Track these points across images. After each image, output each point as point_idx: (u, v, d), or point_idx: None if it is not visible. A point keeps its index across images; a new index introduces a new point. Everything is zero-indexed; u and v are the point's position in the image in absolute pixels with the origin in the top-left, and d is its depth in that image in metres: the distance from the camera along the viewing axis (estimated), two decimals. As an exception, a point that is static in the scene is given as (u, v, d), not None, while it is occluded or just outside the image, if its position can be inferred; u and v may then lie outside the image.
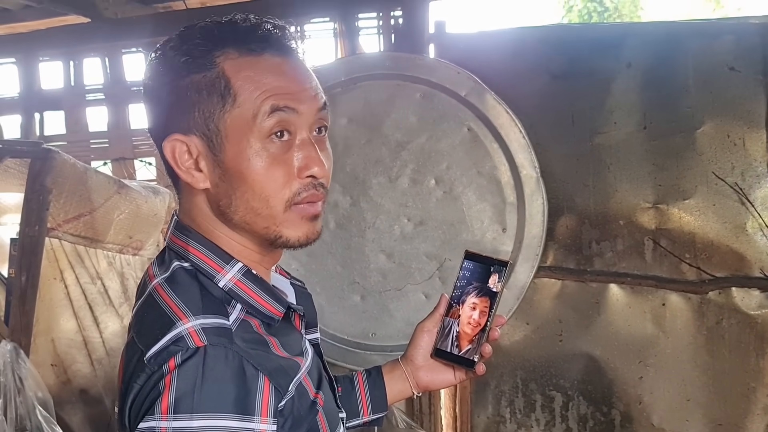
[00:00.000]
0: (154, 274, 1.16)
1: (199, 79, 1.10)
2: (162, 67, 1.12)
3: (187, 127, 1.11)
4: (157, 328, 1.06)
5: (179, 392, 0.99)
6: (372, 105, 2.67)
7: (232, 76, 1.10)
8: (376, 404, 1.55)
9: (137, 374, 1.05)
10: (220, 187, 1.13)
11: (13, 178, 2.52)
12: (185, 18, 3.46)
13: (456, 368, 1.48)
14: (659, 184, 2.75)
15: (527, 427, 2.98)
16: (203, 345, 1.02)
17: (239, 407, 1.00)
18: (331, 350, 2.69)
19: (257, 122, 1.10)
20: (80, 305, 2.61)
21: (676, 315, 2.77)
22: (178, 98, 1.11)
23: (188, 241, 1.16)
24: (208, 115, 1.10)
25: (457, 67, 2.65)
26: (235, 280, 1.14)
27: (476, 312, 1.43)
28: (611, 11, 18.72)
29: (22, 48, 3.79)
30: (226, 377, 1.01)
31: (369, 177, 2.71)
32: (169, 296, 1.10)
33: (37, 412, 2.24)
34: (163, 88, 1.12)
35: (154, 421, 0.99)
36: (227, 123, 1.10)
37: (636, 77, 2.75)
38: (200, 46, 1.11)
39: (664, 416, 2.82)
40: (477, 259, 1.45)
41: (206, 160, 1.12)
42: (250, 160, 1.10)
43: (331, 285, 2.74)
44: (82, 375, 2.63)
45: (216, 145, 1.11)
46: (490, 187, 2.65)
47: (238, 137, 1.10)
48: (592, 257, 2.85)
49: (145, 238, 3.00)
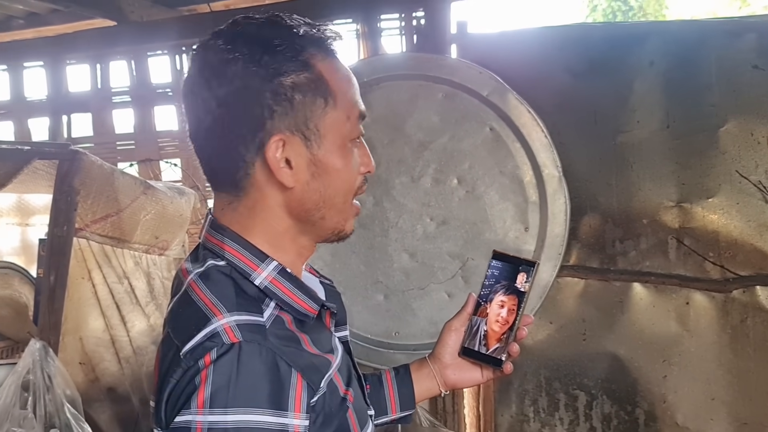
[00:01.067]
0: (188, 271, 1.18)
1: (301, 81, 1.13)
2: (252, 69, 1.11)
3: (287, 126, 1.13)
4: (192, 324, 1.08)
5: (215, 387, 1.00)
6: (394, 105, 2.68)
7: (329, 77, 1.15)
8: (404, 402, 1.56)
9: (173, 369, 1.07)
10: (311, 185, 1.16)
11: (42, 179, 2.55)
12: (210, 20, 3.49)
13: (483, 367, 1.49)
14: (683, 183, 2.74)
15: (551, 426, 2.98)
16: (238, 341, 1.03)
17: (273, 402, 1.02)
18: (355, 349, 2.68)
19: (349, 125, 1.18)
20: (108, 304, 2.64)
21: (700, 314, 2.76)
22: (279, 98, 1.12)
23: (224, 239, 1.18)
24: (310, 115, 1.14)
25: (479, 67, 2.65)
26: (271, 278, 1.15)
27: (504, 310, 1.44)
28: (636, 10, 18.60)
29: (50, 51, 3.84)
30: (260, 373, 1.03)
31: (392, 177, 2.72)
32: (204, 293, 1.12)
33: (66, 410, 2.27)
34: (256, 90, 1.11)
35: (190, 415, 1.01)
36: (326, 123, 1.15)
37: (659, 75, 2.74)
38: (293, 47, 1.13)
39: (688, 415, 2.81)
40: (505, 259, 1.46)
41: (301, 158, 1.15)
42: (341, 159, 1.18)
43: (354, 284, 2.75)
44: (109, 373, 2.66)
45: (314, 144, 1.15)
46: (512, 186, 2.66)
47: (333, 137, 1.16)
48: (616, 256, 2.84)
49: (171, 238, 3.02)
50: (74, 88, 3.87)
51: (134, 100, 3.78)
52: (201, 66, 1.14)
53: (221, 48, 1.12)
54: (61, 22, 4.03)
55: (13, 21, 4.04)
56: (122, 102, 3.81)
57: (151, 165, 3.67)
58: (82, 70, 3.83)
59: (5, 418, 2.22)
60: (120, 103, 3.82)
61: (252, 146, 1.13)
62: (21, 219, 3.41)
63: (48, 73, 3.87)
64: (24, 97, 3.94)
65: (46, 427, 2.24)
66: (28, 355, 2.27)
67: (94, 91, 3.82)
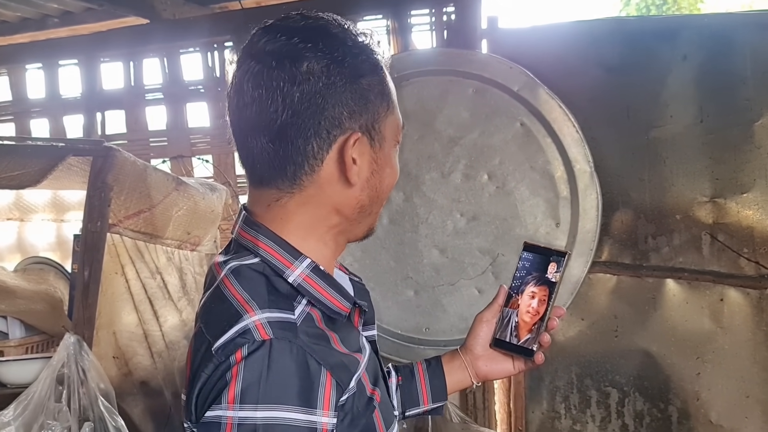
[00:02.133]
0: (221, 267, 1.19)
1: (374, 83, 1.18)
2: (334, 69, 1.13)
3: (360, 125, 1.16)
4: (224, 319, 1.09)
5: (246, 383, 1.02)
6: (425, 101, 2.68)
7: (389, 83, 1.22)
8: (435, 393, 1.57)
9: (205, 364, 1.08)
10: (369, 182, 1.20)
11: (76, 175, 2.58)
12: (241, 18, 3.51)
13: (515, 358, 1.50)
14: (716, 178, 2.71)
15: (582, 423, 2.96)
16: (269, 338, 1.04)
17: (302, 399, 1.03)
18: (384, 345, 2.71)
19: (398, 129, 1.25)
20: (140, 299, 2.66)
21: (735, 310, 2.73)
22: (358, 99, 1.16)
23: (258, 236, 1.19)
24: (377, 117, 1.19)
25: (509, 62, 2.65)
26: (304, 275, 1.16)
27: (535, 301, 1.45)
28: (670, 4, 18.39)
29: (84, 49, 3.87)
30: (290, 370, 1.04)
31: (422, 173, 2.73)
32: (236, 289, 1.13)
33: (100, 403, 2.29)
34: (340, 89, 1.14)
35: (221, 410, 1.02)
36: (385, 125, 1.21)
37: (692, 70, 2.71)
38: (366, 50, 1.18)
39: (722, 413, 2.78)
40: (536, 250, 1.47)
41: (365, 157, 1.18)
42: (392, 160, 1.24)
43: (384, 280, 2.76)
44: (142, 367, 2.68)
45: (376, 143, 1.20)
46: (543, 181, 2.65)
47: (390, 138, 1.22)
48: (648, 252, 2.81)
49: (203, 234, 3.04)
50: (108, 85, 3.90)
51: (167, 97, 3.80)
52: (275, 62, 1.13)
53: (299, 46, 1.13)
54: (95, 20, 4.07)
55: (48, 20, 4.09)
56: (155, 99, 3.84)
57: (183, 161, 3.70)
58: (115, 68, 3.86)
59: (40, 411, 2.25)
60: (153, 100, 3.84)
61: (326, 143, 1.14)
62: (56, 215, 3.45)
63: (82, 71, 3.90)
64: (59, 94, 3.98)
65: (80, 420, 2.27)
66: (63, 349, 2.30)
67: (127, 88, 3.85)
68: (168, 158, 3.72)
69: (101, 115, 3.92)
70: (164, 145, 3.80)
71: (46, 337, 2.73)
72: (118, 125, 3.92)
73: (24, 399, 2.26)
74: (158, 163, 3.60)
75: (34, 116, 4.08)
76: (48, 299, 2.78)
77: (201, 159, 3.69)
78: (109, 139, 3.61)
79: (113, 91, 3.89)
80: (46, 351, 2.70)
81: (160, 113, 3.82)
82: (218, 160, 3.68)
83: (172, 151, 3.75)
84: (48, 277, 2.97)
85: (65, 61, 3.97)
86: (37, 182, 2.47)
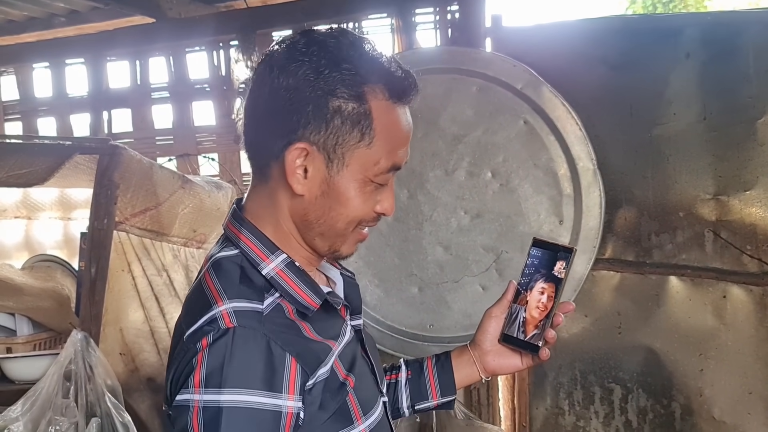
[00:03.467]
0: (208, 259, 1.26)
1: (347, 108, 1.17)
2: (310, 77, 1.16)
3: (315, 140, 1.18)
4: (197, 309, 1.16)
5: (209, 368, 1.08)
6: (429, 99, 2.69)
7: (376, 119, 1.19)
8: (444, 388, 1.59)
9: (179, 351, 1.16)
10: (318, 201, 1.21)
11: (83, 173, 2.59)
12: (247, 16, 3.53)
13: (523, 353, 1.52)
14: (719, 176, 2.72)
15: (586, 420, 2.98)
16: (233, 326, 1.11)
17: (267, 384, 1.09)
18: (389, 341, 2.73)
19: (376, 168, 1.21)
20: (147, 296, 2.67)
21: (738, 307, 2.74)
22: (319, 114, 1.17)
23: (241, 229, 1.25)
24: (341, 142, 1.18)
25: (513, 60, 2.65)
26: (278, 269, 1.22)
27: (544, 296, 1.46)
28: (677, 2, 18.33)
29: (90, 48, 3.89)
30: (254, 356, 1.10)
31: (426, 170, 2.73)
32: (212, 281, 1.19)
33: (107, 399, 2.30)
34: (303, 97, 1.16)
35: (188, 394, 1.09)
36: (354, 155, 1.19)
37: (695, 67, 2.72)
38: (353, 74, 1.17)
39: (725, 409, 2.79)
40: (544, 246, 1.48)
41: (318, 174, 1.20)
42: (355, 191, 1.21)
43: (388, 277, 2.77)
44: (149, 364, 2.69)
45: (334, 167, 1.19)
46: (546, 179, 2.66)
47: (356, 170, 1.20)
48: (652, 249, 2.82)
49: (209, 231, 3.05)
50: (114, 84, 3.92)
51: (173, 96, 3.82)
52: (275, 55, 1.21)
53: (299, 47, 1.19)
54: (102, 19, 4.08)
55: (54, 19, 4.10)
56: (161, 98, 3.85)
57: (189, 159, 3.71)
58: (121, 67, 3.88)
59: (48, 407, 2.26)
60: (159, 99, 3.85)
61: (280, 142, 1.19)
62: (63, 213, 3.47)
63: (89, 69, 3.92)
64: (66, 93, 3.99)
65: (88, 416, 2.28)
66: (70, 345, 2.32)
67: (133, 87, 3.87)
68: (174, 156, 3.74)
69: (108, 114, 3.93)
70: (170, 144, 3.81)
71: (54, 333, 2.75)
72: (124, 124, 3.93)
73: (32, 395, 2.28)
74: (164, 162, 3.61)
75: (41, 115, 4.10)
76: (55, 296, 2.80)
77: (207, 157, 3.71)
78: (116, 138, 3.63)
79: (119, 90, 3.91)
80: (53, 348, 2.72)
81: (166, 112, 3.84)
82: (224, 158, 3.70)
83: (178, 150, 3.76)
84: (55, 275, 2.98)
85: (72, 60, 3.99)
86: (44, 180, 2.49)
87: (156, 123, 3.90)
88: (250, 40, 3.46)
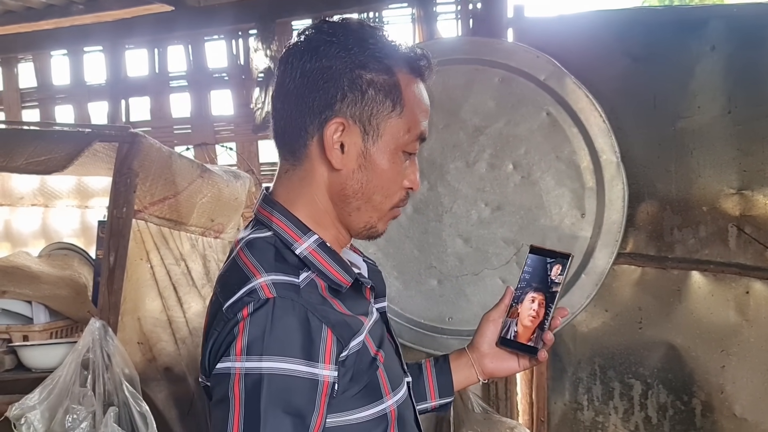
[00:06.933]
0: (239, 241, 1.31)
1: (379, 80, 1.26)
2: (341, 54, 1.24)
3: (352, 113, 1.25)
4: (235, 283, 1.20)
5: (251, 337, 1.13)
6: (450, 90, 2.67)
7: (404, 89, 1.28)
8: (442, 389, 1.63)
9: (217, 323, 1.20)
10: (354, 174, 1.28)
11: (102, 161, 2.58)
12: (267, 5, 3.51)
13: (520, 356, 1.56)
14: (744, 170, 2.68)
15: (605, 415, 2.95)
16: (273, 296, 1.16)
17: (304, 353, 1.14)
18: (407, 334, 2.71)
19: (407, 137, 1.29)
20: (165, 285, 2.67)
21: (761, 303, 2.70)
22: (354, 87, 1.24)
23: (272, 212, 1.30)
24: (376, 113, 1.26)
25: (536, 51, 2.63)
26: (311, 249, 1.26)
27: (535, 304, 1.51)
28: (699, -6, 18.18)
29: (109, 36, 3.90)
30: (292, 326, 1.15)
31: (446, 162, 2.71)
32: (247, 257, 1.24)
33: (124, 388, 2.30)
34: (338, 72, 1.24)
35: (229, 362, 1.14)
36: (387, 126, 1.27)
37: (720, 60, 2.68)
38: (383, 51, 1.27)
39: (747, 406, 2.76)
40: (541, 253, 1.53)
41: (354, 148, 1.27)
42: (388, 162, 1.28)
43: (408, 269, 2.75)
44: (166, 353, 2.69)
45: (370, 138, 1.27)
46: (568, 172, 2.63)
47: (389, 140, 1.28)
48: (674, 244, 2.79)
49: (227, 221, 3.05)
50: (132, 72, 3.92)
51: (191, 85, 3.82)
52: (302, 41, 1.28)
53: (324, 30, 1.27)
54: (120, 7, 4.07)
55: (73, 6, 4.10)
56: (179, 86, 3.86)
57: (207, 149, 3.71)
58: (140, 55, 3.89)
59: (65, 395, 2.26)
60: (177, 88, 3.86)
61: (316, 120, 1.25)
62: (80, 201, 3.48)
63: (107, 57, 3.93)
64: (84, 81, 4.00)
65: (105, 405, 2.28)
66: (88, 334, 2.31)
67: (151, 75, 3.87)
68: (192, 146, 3.73)
69: (126, 102, 3.94)
70: (188, 133, 3.82)
71: (71, 322, 2.75)
72: (142, 112, 3.94)
73: (49, 383, 2.27)
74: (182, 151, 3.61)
75: (58, 102, 4.12)
76: (72, 285, 2.79)
77: (225, 147, 3.70)
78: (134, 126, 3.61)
79: (138, 78, 3.92)
80: (70, 336, 2.72)
81: (184, 101, 3.84)
82: (242, 147, 3.69)
83: (196, 139, 3.77)
84: (72, 263, 2.99)
85: (90, 48, 4.00)
86: (63, 167, 2.48)
87: (174, 112, 3.90)
88: (270, 29, 3.45)
